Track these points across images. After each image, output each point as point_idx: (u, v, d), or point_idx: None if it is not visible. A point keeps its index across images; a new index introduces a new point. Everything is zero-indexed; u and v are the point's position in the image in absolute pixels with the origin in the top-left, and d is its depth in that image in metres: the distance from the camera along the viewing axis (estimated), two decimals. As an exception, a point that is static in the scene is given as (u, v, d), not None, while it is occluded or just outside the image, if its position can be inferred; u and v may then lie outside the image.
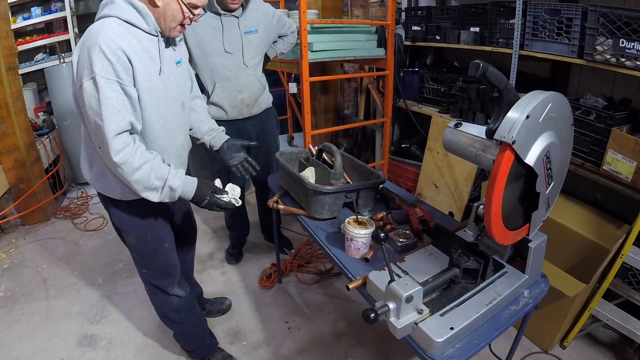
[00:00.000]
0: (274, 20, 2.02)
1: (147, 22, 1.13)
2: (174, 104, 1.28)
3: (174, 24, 1.17)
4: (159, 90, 1.19)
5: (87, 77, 1.03)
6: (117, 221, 1.34)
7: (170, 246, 1.43)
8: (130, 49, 1.08)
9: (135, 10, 1.11)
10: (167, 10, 1.14)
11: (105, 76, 1.03)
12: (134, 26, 1.11)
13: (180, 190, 1.20)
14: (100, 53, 1.02)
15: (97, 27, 1.07)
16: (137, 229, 1.34)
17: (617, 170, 1.64)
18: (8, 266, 2.44)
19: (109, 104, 1.04)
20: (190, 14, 1.16)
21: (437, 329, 0.91)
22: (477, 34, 2.33)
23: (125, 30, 1.09)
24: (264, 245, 2.57)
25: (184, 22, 1.18)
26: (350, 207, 1.51)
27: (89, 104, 1.04)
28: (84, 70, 1.04)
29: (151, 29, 1.15)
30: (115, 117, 1.05)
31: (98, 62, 1.02)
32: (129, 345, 1.82)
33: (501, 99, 0.92)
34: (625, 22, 1.55)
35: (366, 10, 3.55)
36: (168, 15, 1.15)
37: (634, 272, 1.66)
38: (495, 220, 0.93)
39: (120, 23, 1.09)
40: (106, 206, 1.35)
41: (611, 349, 1.74)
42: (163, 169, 1.16)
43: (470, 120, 1.07)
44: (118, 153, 1.07)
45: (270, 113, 2.17)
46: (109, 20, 1.08)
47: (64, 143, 3.46)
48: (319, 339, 1.84)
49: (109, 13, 1.10)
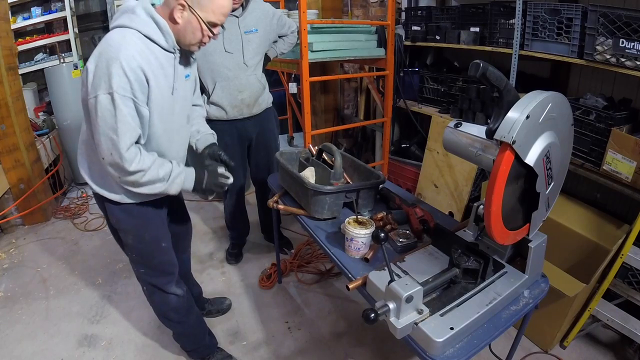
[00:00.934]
0: (274, 20, 2.02)
1: (166, 39, 1.14)
2: (180, 117, 1.30)
3: (194, 41, 1.18)
4: (169, 105, 1.20)
5: (104, 91, 1.03)
6: (115, 222, 1.34)
7: (168, 245, 1.44)
8: (149, 66, 1.09)
9: (156, 26, 1.11)
10: (187, 27, 1.14)
11: (122, 93, 1.04)
12: (153, 42, 1.11)
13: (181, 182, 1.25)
14: (120, 69, 1.03)
15: (118, 39, 1.06)
16: (135, 229, 1.34)
17: (617, 170, 1.64)
18: (8, 266, 2.44)
19: (124, 120, 1.06)
20: (209, 32, 1.17)
21: (437, 329, 0.91)
22: (477, 34, 2.33)
23: (145, 46, 1.09)
24: (264, 245, 2.57)
25: (202, 39, 1.18)
26: (350, 207, 1.51)
27: (102, 117, 1.05)
28: (101, 82, 1.04)
29: (169, 47, 1.15)
30: (130, 133, 1.09)
31: (117, 78, 1.03)
32: (129, 345, 1.82)
33: (501, 99, 0.92)
34: (625, 22, 1.55)
35: (366, 10, 3.55)
36: (188, 33, 1.15)
37: (634, 272, 1.66)
38: (495, 220, 0.93)
39: (140, 37, 1.09)
40: (103, 207, 1.34)
41: (611, 349, 1.74)
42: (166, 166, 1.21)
43: (470, 120, 1.07)
44: (132, 163, 1.10)
45: (270, 113, 2.17)
46: (130, 33, 1.08)
47: (64, 143, 3.46)
48: (319, 339, 1.84)
49: (130, 24, 1.09)
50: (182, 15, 1.12)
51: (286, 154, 1.83)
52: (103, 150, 1.10)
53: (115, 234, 1.44)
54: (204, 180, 1.31)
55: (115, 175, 1.14)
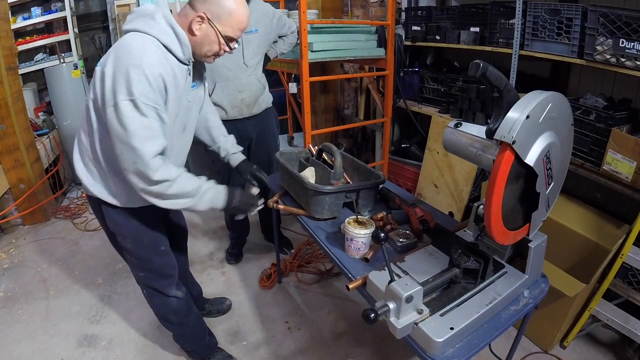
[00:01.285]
0: (274, 20, 2.02)
1: (183, 51, 1.13)
2: (178, 126, 1.28)
3: (210, 53, 1.17)
4: (174, 114, 1.20)
5: (125, 97, 1.01)
6: (113, 226, 1.32)
7: (167, 248, 1.43)
8: (167, 75, 1.08)
9: (175, 37, 1.10)
10: (204, 40, 1.14)
11: (145, 101, 1.03)
12: (170, 52, 1.10)
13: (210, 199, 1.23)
14: (144, 77, 1.02)
15: (139, 45, 1.05)
16: (134, 232, 1.32)
17: (617, 170, 1.64)
18: (8, 266, 2.44)
19: (150, 126, 1.05)
20: (226, 47, 1.16)
21: (437, 329, 0.90)
22: (477, 34, 2.33)
23: (163, 55, 1.08)
24: (264, 245, 2.57)
25: (218, 52, 1.18)
26: (350, 207, 1.51)
27: (125, 125, 1.03)
28: (121, 88, 1.01)
29: (185, 59, 1.15)
30: (154, 141, 1.07)
31: (139, 86, 1.01)
32: (129, 345, 1.82)
33: (501, 99, 0.92)
34: (625, 22, 1.55)
35: (366, 10, 3.55)
36: (204, 45, 1.15)
37: (634, 272, 1.66)
38: (495, 220, 0.93)
39: (159, 46, 1.08)
40: (100, 211, 1.31)
41: (611, 349, 1.74)
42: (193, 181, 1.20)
43: (470, 120, 1.07)
44: (156, 171, 1.09)
45: (270, 113, 2.17)
46: (150, 40, 1.07)
47: (64, 143, 3.46)
48: (319, 339, 1.84)
49: (149, 31, 1.07)
50: (200, 28, 1.11)
51: (286, 154, 1.83)
52: (125, 160, 1.08)
53: (111, 238, 1.42)
54: (234, 199, 1.29)
55: (139, 186, 1.11)
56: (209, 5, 1.10)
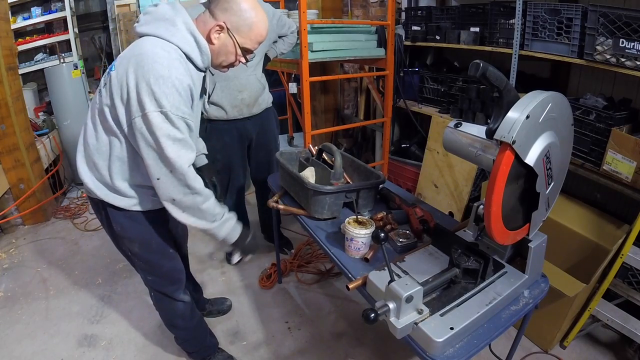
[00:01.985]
0: (273, 20, 2.02)
1: (203, 60, 1.12)
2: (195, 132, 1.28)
3: (225, 63, 1.17)
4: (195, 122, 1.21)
5: (155, 109, 1.00)
6: (120, 229, 1.28)
7: (174, 251, 1.40)
8: (192, 85, 1.09)
9: (196, 45, 1.09)
10: (222, 49, 1.13)
11: (176, 113, 1.02)
12: (190, 60, 1.10)
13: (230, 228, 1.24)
14: (174, 89, 1.01)
15: (164, 55, 1.02)
16: (141, 236, 1.29)
17: (617, 170, 1.64)
18: (8, 266, 2.44)
19: (183, 138, 1.06)
20: (242, 58, 1.16)
21: (437, 329, 0.91)
22: (477, 34, 2.33)
23: (185, 64, 1.08)
24: (264, 245, 2.57)
25: (234, 63, 1.17)
26: (350, 207, 1.51)
27: (157, 136, 1.02)
28: (149, 99, 1.00)
29: (203, 67, 1.14)
30: (186, 151, 1.08)
31: (171, 98, 1.01)
32: (129, 345, 1.82)
33: (501, 99, 0.92)
34: (625, 22, 1.55)
35: (366, 10, 3.55)
36: (221, 55, 1.14)
37: (634, 272, 1.66)
38: (495, 220, 0.93)
39: (181, 55, 1.07)
40: (103, 214, 1.27)
41: (611, 349, 1.74)
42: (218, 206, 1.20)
43: (470, 120, 1.07)
44: (195, 181, 1.10)
45: (270, 113, 2.17)
46: (173, 50, 1.05)
47: (64, 143, 3.46)
48: (319, 339, 1.84)
49: (170, 39, 1.05)
50: (219, 37, 1.10)
51: (286, 154, 1.83)
52: (159, 170, 1.07)
53: (116, 242, 1.38)
54: (247, 238, 1.30)
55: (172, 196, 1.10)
56: (230, 15, 1.08)
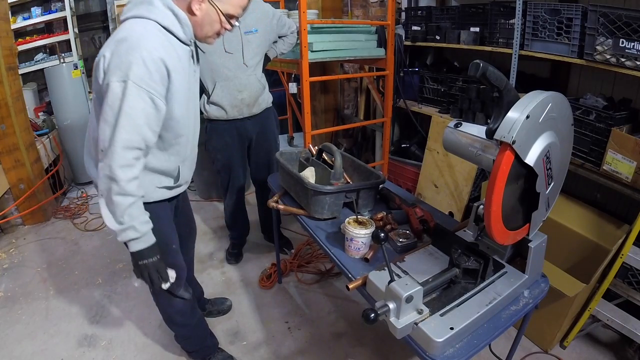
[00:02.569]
0: (273, 21, 2.02)
1: (185, 31, 1.11)
2: (194, 113, 1.28)
3: (211, 32, 1.16)
4: (186, 101, 1.18)
5: (118, 79, 0.98)
6: None
7: (177, 247, 1.41)
8: (169, 58, 1.05)
9: (175, 18, 1.08)
10: (205, 19, 1.12)
11: (139, 84, 0.99)
12: (171, 34, 1.09)
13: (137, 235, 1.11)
14: (141, 59, 0.99)
15: (139, 29, 1.03)
16: None
17: (617, 170, 1.64)
18: (8, 266, 2.44)
19: (130, 113, 1.00)
20: (227, 24, 1.15)
21: (437, 329, 0.91)
22: (477, 34, 2.33)
23: (165, 38, 1.07)
24: (264, 245, 2.57)
25: (219, 31, 1.17)
26: (350, 207, 1.51)
27: (111, 104, 1.00)
28: (116, 70, 0.98)
29: (187, 39, 1.13)
30: (130, 130, 1.01)
31: (135, 68, 0.98)
32: (129, 345, 1.82)
33: (501, 99, 0.92)
34: (625, 22, 1.55)
35: (366, 10, 3.55)
36: (205, 25, 1.13)
37: (634, 272, 1.66)
38: (495, 220, 0.93)
39: (160, 29, 1.06)
40: None
41: (611, 349, 1.74)
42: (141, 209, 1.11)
43: (470, 120, 1.07)
44: (122, 167, 1.02)
45: (270, 113, 2.17)
46: (150, 25, 1.05)
47: (64, 143, 3.46)
48: (319, 339, 1.84)
49: (148, 15, 1.05)
50: (200, 7, 1.09)
51: (286, 154, 1.83)
52: (103, 141, 1.03)
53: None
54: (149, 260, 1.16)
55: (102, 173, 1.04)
56: None
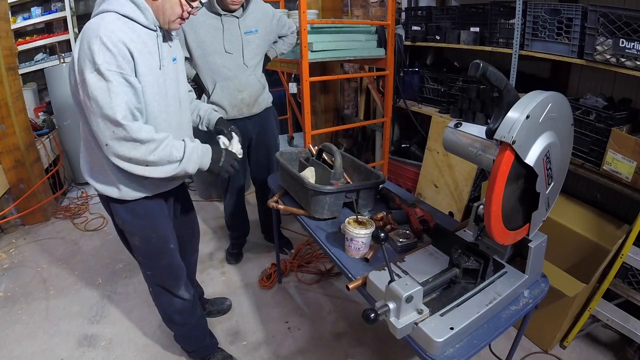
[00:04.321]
0: (273, 21, 2.03)
1: (145, 16, 1.13)
2: (173, 100, 1.27)
3: (173, 17, 1.17)
4: (159, 84, 1.18)
5: (90, 70, 1.02)
6: (121, 222, 1.31)
7: (175, 247, 1.42)
8: (130, 42, 1.07)
9: (134, 5, 1.11)
10: (166, 3, 1.14)
11: (108, 67, 1.02)
12: (133, 20, 1.11)
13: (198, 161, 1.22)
14: (101, 45, 1.01)
15: (96, 21, 1.06)
16: (141, 230, 1.31)
17: (617, 170, 1.64)
18: (8, 266, 2.44)
19: (116, 92, 1.03)
20: (188, 7, 1.17)
21: (437, 329, 0.91)
22: (477, 34, 2.33)
23: (124, 24, 1.08)
24: (264, 245, 2.57)
25: (182, 15, 1.18)
26: (350, 207, 1.51)
27: (94, 96, 1.03)
28: (85, 63, 1.02)
29: (150, 23, 1.15)
30: (125, 105, 1.05)
31: (100, 54, 1.01)
32: (129, 345, 1.82)
33: (501, 99, 0.92)
34: (625, 22, 1.55)
35: (366, 10, 3.55)
36: (167, 9, 1.15)
37: (634, 272, 1.66)
38: (495, 220, 0.93)
39: (118, 17, 1.08)
40: (108, 207, 1.31)
41: (611, 349, 1.74)
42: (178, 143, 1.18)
43: (470, 120, 1.07)
44: (139, 131, 1.07)
45: (270, 113, 2.17)
46: (108, 14, 1.08)
47: (64, 143, 3.46)
48: (319, 339, 1.84)
49: (107, 8, 1.09)
50: None
51: (286, 154, 1.83)
52: (103, 133, 1.07)
53: (121, 236, 1.41)
54: (222, 159, 1.29)
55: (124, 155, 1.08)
56: None
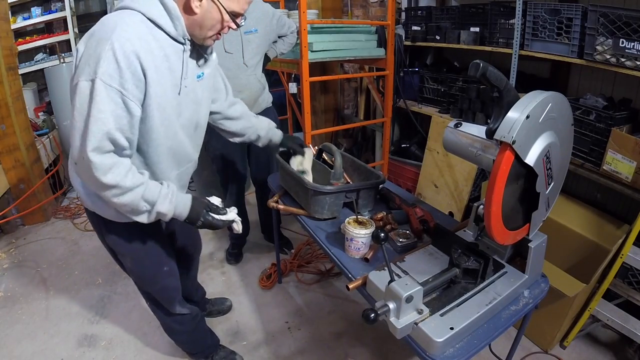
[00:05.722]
0: (273, 21, 2.03)
1: (175, 25, 0.97)
2: (188, 124, 1.12)
3: (212, 32, 1.02)
4: (173, 107, 1.03)
5: (87, 77, 0.87)
6: (112, 244, 1.20)
7: (171, 268, 1.32)
8: (148, 54, 0.92)
9: (164, 9, 0.95)
10: (206, 18, 0.98)
11: (108, 81, 0.86)
12: (159, 27, 0.95)
13: (170, 214, 1.05)
14: (111, 52, 0.86)
15: (115, 19, 0.91)
16: (133, 252, 1.21)
17: (617, 170, 1.64)
18: (8, 266, 2.44)
19: (98, 117, 0.87)
20: (232, 23, 1.02)
21: (437, 329, 0.91)
22: (477, 34, 2.33)
23: (147, 30, 0.93)
24: (264, 245, 2.57)
25: (221, 31, 1.03)
26: (350, 207, 1.51)
27: (79, 107, 0.88)
28: (85, 66, 0.87)
29: (178, 35, 0.98)
30: (101, 137, 0.88)
31: (104, 64, 0.86)
32: (129, 345, 1.82)
33: (501, 99, 0.92)
34: (625, 22, 1.55)
35: (366, 10, 3.55)
36: (206, 24, 0.99)
37: (634, 272, 1.66)
38: (495, 220, 0.93)
39: (143, 20, 0.92)
40: (98, 227, 1.19)
41: (611, 349, 1.74)
42: (154, 192, 1.01)
43: (470, 120, 1.07)
44: (106, 173, 0.91)
45: (270, 113, 2.17)
46: (131, 14, 0.92)
47: (64, 143, 3.46)
48: (319, 339, 1.84)
49: (131, 5, 0.93)
50: (200, 5, 0.96)
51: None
52: (73, 150, 0.91)
53: (112, 254, 1.30)
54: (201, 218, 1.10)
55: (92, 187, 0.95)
56: None
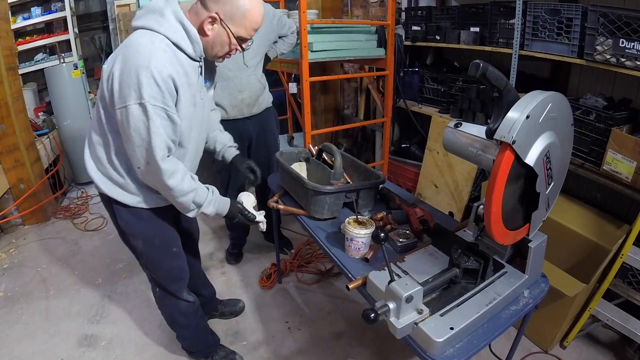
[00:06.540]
0: (274, 21, 2.03)
1: (194, 48, 1.11)
2: (201, 126, 1.29)
3: (221, 53, 1.16)
4: (191, 114, 1.18)
5: (135, 101, 1.01)
6: (124, 225, 1.30)
7: (179, 250, 1.41)
8: (177, 75, 1.06)
9: (185, 33, 1.08)
10: (216, 40, 1.12)
11: (154, 103, 1.02)
12: (181, 50, 1.09)
13: (212, 215, 1.29)
14: (152, 79, 1.00)
15: (147, 45, 1.03)
16: (145, 233, 1.31)
17: (617, 170, 1.64)
18: (8, 266, 2.44)
19: (157, 132, 1.05)
20: (238, 46, 1.15)
21: (437, 329, 0.91)
22: (477, 34, 2.33)
23: (172, 54, 1.06)
24: (264, 245, 2.57)
25: (230, 52, 1.17)
26: (350, 207, 1.51)
27: (135, 127, 1.04)
28: (130, 91, 1.01)
29: (196, 56, 1.13)
30: (162, 146, 1.08)
31: (148, 88, 1.00)
32: (129, 345, 1.82)
33: (501, 99, 0.92)
34: (625, 22, 1.55)
35: (366, 10, 3.55)
36: (216, 45, 1.13)
37: (634, 272, 1.66)
38: (495, 220, 0.93)
39: (168, 44, 1.06)
40: (110, 209, 1.29)
41: (611, 349, 1.74)
42: (201, 195, 1.23)
43: (470, 120, 1.07)
44: (170, 177, 1.11)
45: (270, 113, 2.17)
46: (159, 39, 1.05)
47: (64, 143, 3.46)
48: (319, 339, 1.84)
49: (158, 29, 1.05)
50: (212, 28, 1.09)
51: (286, 154, 1.83)
52: (138, 160, 1.10)
53: (123, 237, 1.39)
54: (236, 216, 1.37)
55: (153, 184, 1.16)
56: (222, 5, 1.06)
